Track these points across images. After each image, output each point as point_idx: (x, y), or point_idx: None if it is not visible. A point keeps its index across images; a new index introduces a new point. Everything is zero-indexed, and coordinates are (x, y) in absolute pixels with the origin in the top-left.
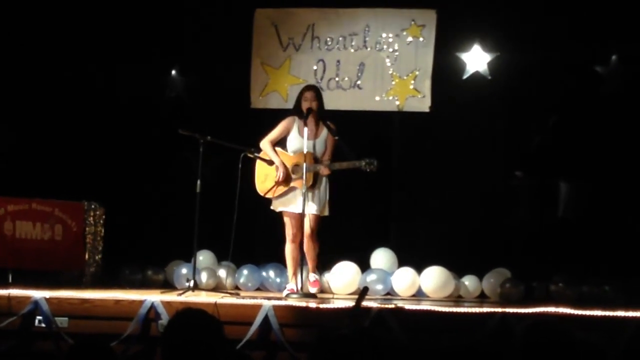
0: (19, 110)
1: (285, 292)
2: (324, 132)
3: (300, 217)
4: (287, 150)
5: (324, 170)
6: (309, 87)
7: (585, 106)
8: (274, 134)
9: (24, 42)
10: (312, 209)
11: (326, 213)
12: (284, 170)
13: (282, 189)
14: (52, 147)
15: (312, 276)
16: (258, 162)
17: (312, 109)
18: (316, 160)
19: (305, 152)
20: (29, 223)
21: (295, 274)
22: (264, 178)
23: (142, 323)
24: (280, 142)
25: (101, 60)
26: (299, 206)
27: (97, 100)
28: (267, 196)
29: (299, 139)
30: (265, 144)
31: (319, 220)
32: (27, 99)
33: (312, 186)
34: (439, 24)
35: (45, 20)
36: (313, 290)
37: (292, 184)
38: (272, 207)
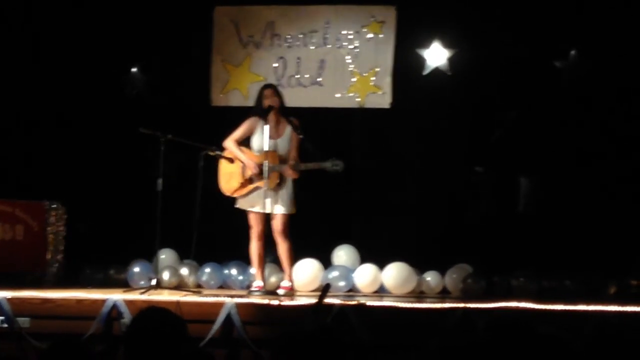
0: None
1: (252, 290)
2: (287, 130)
3: (266, 216)
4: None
5: (289, 172)
6: (267, 86)
7: (544, 101)
8: (238, 133)
9: None
10: (279, 209)
11: (294, 210)
12: (254, 165)
13: (247, 188)
14: (12, 147)
15: (286, 282)
16: (222, 162)
17: (273, 106)
18: (282, 159)
19: (266, 150)
20: None
21: (260, 272)
22: (229, 177)
23: (105, 322)
24: (246, 143)
25: (62, 57)
26: (265, 206)
27: (57, 99)
28: (234, 196)
29: (262, 139)
30: (229, 143)
31: (288, 218)
32: None
33: (278, 185)
34: (399, 21)
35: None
36: (281, 292)
37: (256, 184)
38: (237, 206)
